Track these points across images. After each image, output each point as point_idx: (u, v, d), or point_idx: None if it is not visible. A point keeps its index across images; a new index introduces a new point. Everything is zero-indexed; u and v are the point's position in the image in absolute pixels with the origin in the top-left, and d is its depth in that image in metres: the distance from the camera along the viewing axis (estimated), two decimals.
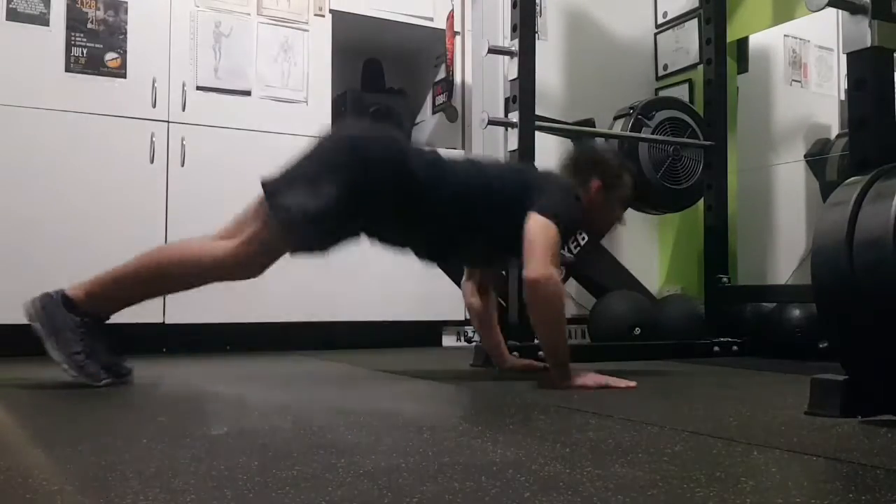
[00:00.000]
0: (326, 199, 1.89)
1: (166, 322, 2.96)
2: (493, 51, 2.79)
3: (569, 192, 2.15)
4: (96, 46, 3.02)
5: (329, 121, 3.43)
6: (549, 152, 3.54)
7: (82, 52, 2.99)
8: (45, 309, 1.86)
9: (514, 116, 2.71)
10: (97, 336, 1.91)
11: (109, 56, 3.04)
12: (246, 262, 1.95)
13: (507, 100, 2.80)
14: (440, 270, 2.98)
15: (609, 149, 2.36)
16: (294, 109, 3.36)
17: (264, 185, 1.94)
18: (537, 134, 2.77)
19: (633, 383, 2.00)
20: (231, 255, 1.93)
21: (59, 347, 1.85)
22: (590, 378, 2.00)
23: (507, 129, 2.78)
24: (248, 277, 2.01)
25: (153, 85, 3.10)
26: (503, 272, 2.61)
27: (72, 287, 1.91)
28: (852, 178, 1.48)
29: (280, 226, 1.91)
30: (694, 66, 3.68)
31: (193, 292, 2.06)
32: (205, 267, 1.95)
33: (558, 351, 2.01)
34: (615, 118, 3.32)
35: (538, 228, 1.98)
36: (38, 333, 1.86)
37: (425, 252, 2.23)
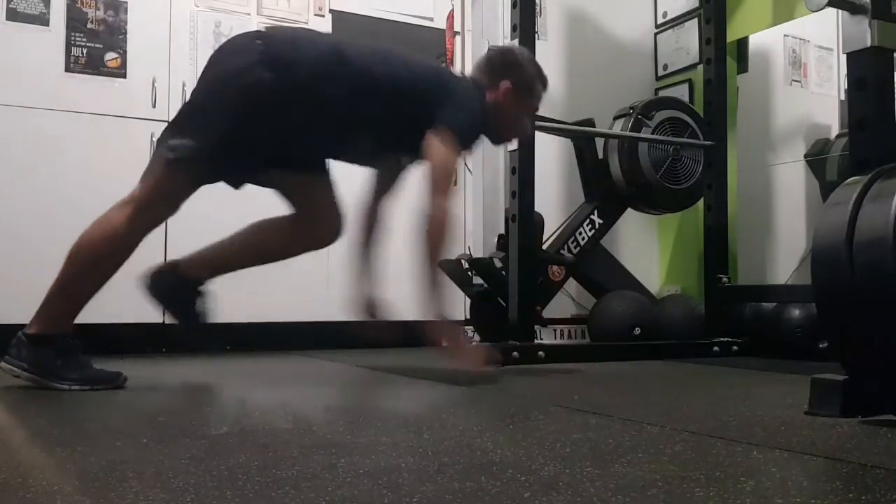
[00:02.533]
0: (210, 130, 1.90)
1: (166, 322, 2.96)
2: None
3: (472, 96, 2.11)
4: (96, 46, 3.02)
5: None
6: (549, 152, 3.56)
7: (82, 52, 2.99)
8: (25, 358, 1.84)
9: None
10: (71, 349, 1.89)
11: (109, 56, 3.04)
12: (149, 203, 1.92)
13: None
14: None
15: (529, 56, 2.31)
16: None
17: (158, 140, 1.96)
18: (537, 134, 2.77)
19: (489, 369, 2.09)
20: (134, 207, 1.91)
21: (61, 381, 1.83)
22: (458, 340, 2.06)
23: None
24: (162, 218, 2.00)
25: (153, 85, 3.10)
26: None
27: (29, 325, 1.88)
28: (852, 178, 1.48)
29: (169, 163, 1.91)
30: (694, 66, 3.68)
31: None
32: (121, 231, 1.91)
33: (433, 283, 2.04)
34: (615, 118, 3.32)
35: (439, 155, 1.99)
36: (37, 383, 1.84)
37: (320, 152, 2.12)
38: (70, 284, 1.90)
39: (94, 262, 1.91)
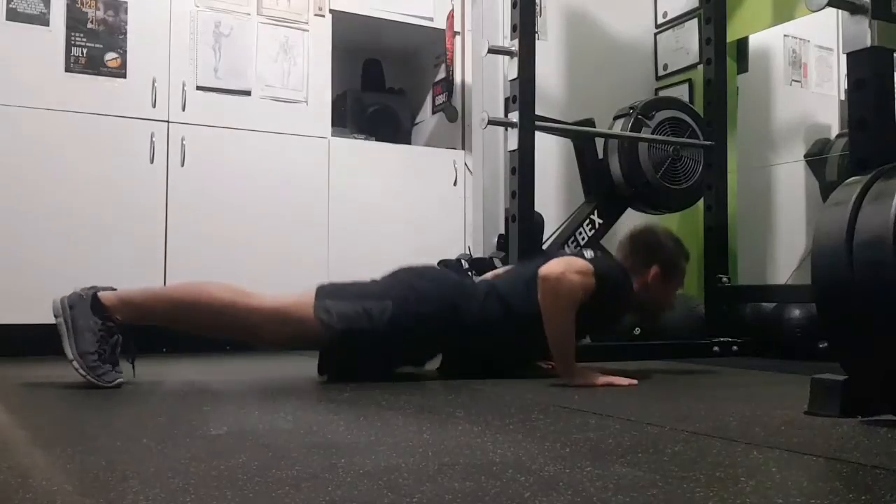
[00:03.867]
0: (370, 319, 2.01)
1: None
2: (493, 51, 2.79)
3: (622, 270, 2.23)
4: (96, 46, 3.02)
5: (329, 121, 3.43)
6: (549, 152, 3.56)
7: (82, 52, 2.99)
8: (73, 308, 1.88)
9: (514, 116, 2.71)
10: (113, 339, 1.92)
11: (109, 56, 3.04)
12: (273, 316, 2.00)
13: (507, 100, 2.80)
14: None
15: (665, 231, 2.43)
16: (294, 109, 3.36)
17: (319, 287, 2.05)
18: (537, 134, 2.77)
19: (634, 381, 2.03)
20: (263, 305, 1.99)
21: (75, 346, 1.86)
22: (594, 377, 2.02)
23: (507, 129, 2.78)
24: (265, 334, 2.05)
25: (153, 85, 3.10)
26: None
27: (108, 291, 1.94)
28: (852, 178, 1.48)
29: (319, 323, 2.00)
30: (694, 66, 3.68)
31: None
32: (235, 303, 1.98)
33: (561, 347, 2.06)
34: (615, 118, 3.32)
35: (564, 259, 2.12)
36: (59, 330, 1.87)
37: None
38: (161, 299, 2.01)
39: (196, 302, 1.98)
